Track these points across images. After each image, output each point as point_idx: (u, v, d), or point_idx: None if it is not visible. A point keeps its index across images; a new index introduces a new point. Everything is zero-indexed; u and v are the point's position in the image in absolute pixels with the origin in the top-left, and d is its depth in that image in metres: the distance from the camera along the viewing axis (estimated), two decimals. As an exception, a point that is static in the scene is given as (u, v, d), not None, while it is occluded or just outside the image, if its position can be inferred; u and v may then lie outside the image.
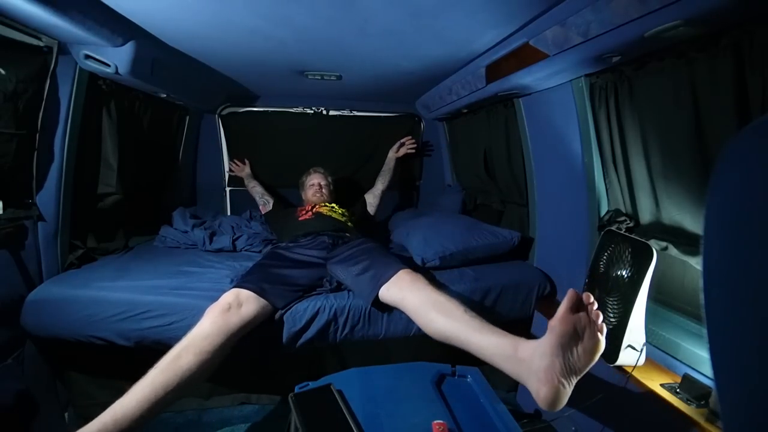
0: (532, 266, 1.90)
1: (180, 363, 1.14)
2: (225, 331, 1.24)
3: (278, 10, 1.25)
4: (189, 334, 1.22)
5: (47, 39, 1.36)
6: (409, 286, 1.35)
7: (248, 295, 1.35)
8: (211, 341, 1.20)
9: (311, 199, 2.32)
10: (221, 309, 1.28)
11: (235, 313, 1.28)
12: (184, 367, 1.14)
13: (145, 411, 1.07)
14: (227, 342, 1.24)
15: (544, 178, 1.83)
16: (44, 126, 1.46)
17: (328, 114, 2.78)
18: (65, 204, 1.58)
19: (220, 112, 2.68)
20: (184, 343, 1.19)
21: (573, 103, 1.50)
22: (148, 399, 1.08)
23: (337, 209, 2.20)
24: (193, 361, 1.15)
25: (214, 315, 1.26)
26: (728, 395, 0.34)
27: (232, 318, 1.27)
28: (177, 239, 2.07)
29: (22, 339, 1.41)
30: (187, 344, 1.19)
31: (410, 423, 0.88)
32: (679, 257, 1.20)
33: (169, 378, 1.11)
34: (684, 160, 1.15)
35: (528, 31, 1.30)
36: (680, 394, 1.05)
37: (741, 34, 0.93)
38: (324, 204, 2.23)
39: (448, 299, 1.25)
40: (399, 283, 1.38)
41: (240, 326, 1.28)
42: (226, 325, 1.25)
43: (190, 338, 1.20)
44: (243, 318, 1.29)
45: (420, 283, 1.34)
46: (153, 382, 1.11)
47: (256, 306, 1.35)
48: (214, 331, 1.22)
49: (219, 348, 1.21)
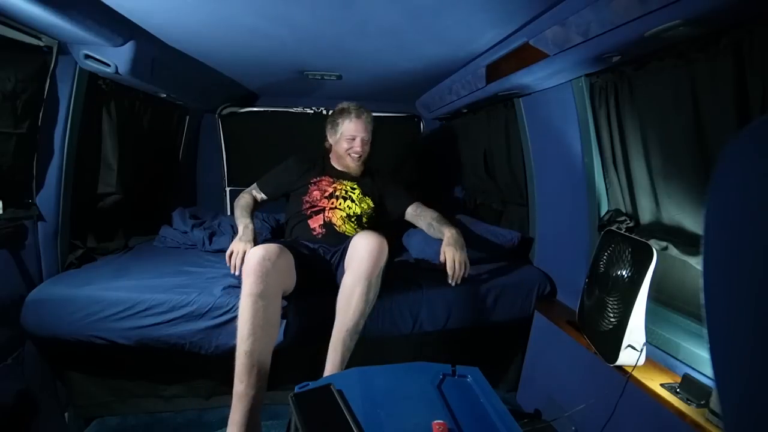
0: (532, 266, 1.90)
1: (256, 353, 1.20)
2: (270, 284, 1.25)
3: (278, 9, 1.25)
4: (243, 319, 1.22)
5: (47, 39, 1.36)
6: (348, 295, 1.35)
7: (276, 248, 1.33)
8: (264, 304, 1.22)
9: (343, 162, 1.83)
10: (258, 259, 1.27)
11: (270, 263, 1.28)
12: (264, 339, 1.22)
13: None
14: (277, 294, 1.29)
15: (544, 178, 1.83)
16: (44, 126, 1.46)
17: (328, 114, 2.78)
18: (65, 204, 1.58)
19: (220, 112, 2.68)
20: (246, 331, 1.20)
21: (573, 103, 1.50)
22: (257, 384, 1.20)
23: (357, 205, 1.77)
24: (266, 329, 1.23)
25: (252, 270, 1.25)
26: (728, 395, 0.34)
27: (268, 266, 1.26)
28: (177, 239, 2.07)
29: (22, 339, 1.41)
30: (252, 332, 1.20)
31: (410, 423, 0.87)
32: (679, 257, 1.20)
33: (260, 365, 1.21)
34: (684, 160, 1.15)
35: (528, 31, 1.30)
36: (680, 394, 1.05)
37: (741, 34, 0.93)
38: (345, 197, 1.76)
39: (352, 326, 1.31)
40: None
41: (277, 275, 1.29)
42: (268, 276, 1.25)
43: (247, 322, 1.21)
44: (278, 268, 1.30)
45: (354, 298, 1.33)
46: (251, 375, 1.19)
47: (287, 259, 1.37)
48: (261, 288, 1.23)
49: (275, 303, 1.27)
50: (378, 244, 1.37)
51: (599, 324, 1.25)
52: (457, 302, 1.61)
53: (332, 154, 1.88)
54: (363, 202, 1.81)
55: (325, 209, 1.74)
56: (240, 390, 1.18)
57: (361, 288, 1.33)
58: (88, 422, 1.60)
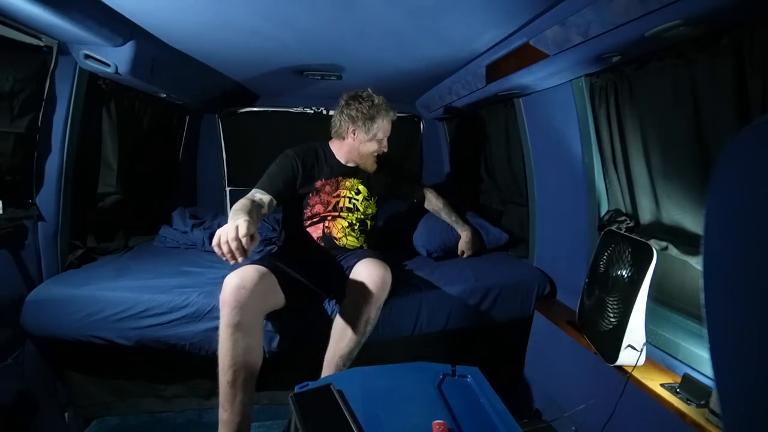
0: (532, 266, 1.90)
1: (238, 383, 1.19)
2: (246, 311, 1.19)
3: (279, 10, 1.25)
4: (222, 351, 1.19)
5: (47, 39, 1.36)
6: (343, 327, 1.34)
7: (253, 273, 1.25)
8: (242, 333, 1.18)
9: (359, 160, 1.66)
10: (232, 289, 1.19)
11: (245, 289, 1.20)
12: (244, 382, 1.20)
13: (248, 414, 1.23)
14: (257, 321, 1.25)
15: (544, 178, 1.83)
16: (44, 126, 1.46)
17: (328, 114, 2.78)
18: (65, 204, 1.58)
19: (220, 112, 2.68)
20: (227, 363, 1.18)
21: (573, 103, 1.50)
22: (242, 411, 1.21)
23: (361, 212, 1.67)
24: (250, 362, 1.22)
25: (227, 301, 1.18)
26: (728, 395, 0.34)
27: (244, 296, 1.19)
28: (176, 239, 2.07)
29: (22, 339, 1.41)
30: (232, 363, 1.18)
31: (410, 423, 0.88)
32: (679, 257, 1.20)
33: (243, 393, 1.20)
34: (684, 160, 1.15)
35: (528, 31, 1.30)
36: (680, 394, 1.05)
37: (741, 34, 0.93)
38: (349, 206, 1.65)
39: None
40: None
41: (255, 302, 1.22)
42: (244, 307, 1.18)
43: (226, 355, 1.19)
44: (254, 293, 1.21)
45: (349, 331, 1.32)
46: (234, 404, 1.19)
47: (267, 282, 1.29)
48: (237, 320, 1.17)
49: (255, 330, 1.24)
50: (382, 278, 1.33)
51: (599, 324, 1.25)
52: (457, 303, 1.61)
53: (342, 149, 1.66)
54: (368, 208, 1.69)
55: (326, 218, 1.62)
56: (225, 418, 1.20)
57: (360, 319, 1.32)
58: (88, 422, 1.60)
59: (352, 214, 1.65)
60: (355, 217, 1.66)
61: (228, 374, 1.19)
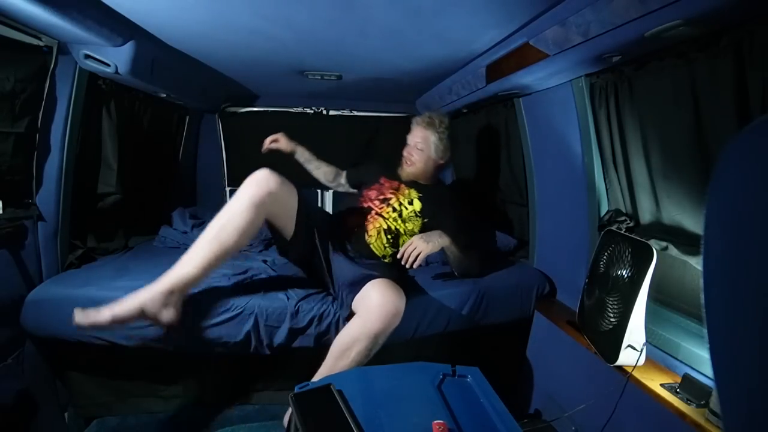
0: (532, 266, 1.90)
1: (221, 237, 1.31)
2: (259, 205, 1.35)
3: (279, 10, 1.25)
4: (226, 210, 1.34)
5: (47, 39, 1.36)
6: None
7: (281, 179, 1.43)
8: (246, 217, 1.32)
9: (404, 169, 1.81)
10: (257, 181, 1.38)
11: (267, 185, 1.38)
12: (225, 241, 1.31)
13: (200, 273, 1.31)
14: (259, 216, 1.37)
15: (544, 178, 1.83)
16: (44, 126, 1.46)
17: (328, 114, 2.78)
18: (65, 204, 1.58)
19: (220, 112, 2.68)
20: (222, 219, 1.32)
21: (573, 103, 1.50)
22: (202, 265, 1.31)
23: (402, 222, 1.68)
24: (233, 235, 1.31)
25: (251, 188, 1.37)
26: (728, 395, 0.34)
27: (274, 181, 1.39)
28: (177, 239, 2.07)
29: (22, 339, 1.41)
30: (226, 222, 1.32)
31: (410, 423, 0.87)
32: (679, 257, 1.20)
33: (214, 247, 1.31)
34: (684, 160, 1.15)
35: (528, 31, 1.30)
36: (680, 394, 1.05)
37: (741, 34, 0.93)
38: (396, 208, 1.70)
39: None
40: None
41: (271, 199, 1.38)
42: (261, 200, 1.35)
43: (228, 214, 1.33)
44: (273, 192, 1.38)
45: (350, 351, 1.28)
46: (202, 251, 1.31)
47: (288, 188, 1.47)
48: (249, 207, 1.33)
49: (254, 221, 1.35)
50: (395, 306, 1.29)
51: (599, 324, 1.25)
52: (457, 305, 1.61)
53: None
54: (409, 222, 1.69)
55: (371, 211, 1.72)
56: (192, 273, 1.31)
57: (365, 344, 1.26)
58: (88, 422, 1.60)
59: (393, 217, 1.69)
60: (395, 222, 1.68)
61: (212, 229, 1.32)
